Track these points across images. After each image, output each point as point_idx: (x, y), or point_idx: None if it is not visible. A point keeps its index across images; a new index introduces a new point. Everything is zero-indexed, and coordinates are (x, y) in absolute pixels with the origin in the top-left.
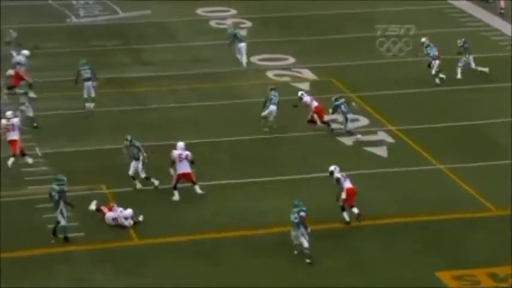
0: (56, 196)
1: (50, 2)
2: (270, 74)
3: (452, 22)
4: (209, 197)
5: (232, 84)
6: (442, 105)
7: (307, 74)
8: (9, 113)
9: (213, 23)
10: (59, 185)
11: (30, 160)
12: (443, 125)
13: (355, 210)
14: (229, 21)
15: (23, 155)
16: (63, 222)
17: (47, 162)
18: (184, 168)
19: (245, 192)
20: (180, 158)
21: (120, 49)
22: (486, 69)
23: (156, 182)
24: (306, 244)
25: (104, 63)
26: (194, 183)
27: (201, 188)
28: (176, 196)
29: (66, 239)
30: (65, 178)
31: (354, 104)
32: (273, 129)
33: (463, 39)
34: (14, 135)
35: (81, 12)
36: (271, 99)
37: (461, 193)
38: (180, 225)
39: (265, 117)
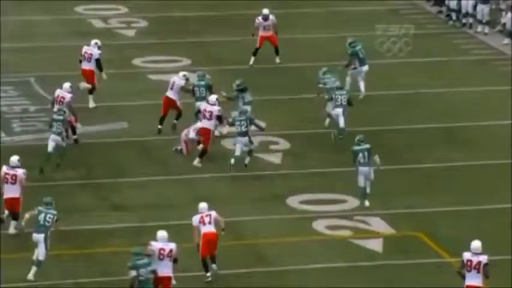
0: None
1: None
2: (318, 225)
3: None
4: None
5: (259, 241)
6: None
7: (378, 224)
8: None
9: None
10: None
11: None
12: None
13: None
14: (278, 152)
15: None
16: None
17: None
18: None
19: None
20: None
21: (78, 185)
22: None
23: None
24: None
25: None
26: None
27: None
28: None
29: None
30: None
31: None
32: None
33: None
34: None
35: (16, 127)
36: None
37: None
38: None
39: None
